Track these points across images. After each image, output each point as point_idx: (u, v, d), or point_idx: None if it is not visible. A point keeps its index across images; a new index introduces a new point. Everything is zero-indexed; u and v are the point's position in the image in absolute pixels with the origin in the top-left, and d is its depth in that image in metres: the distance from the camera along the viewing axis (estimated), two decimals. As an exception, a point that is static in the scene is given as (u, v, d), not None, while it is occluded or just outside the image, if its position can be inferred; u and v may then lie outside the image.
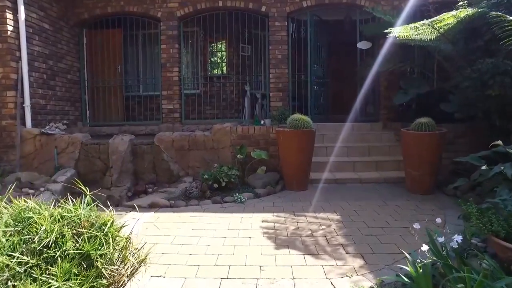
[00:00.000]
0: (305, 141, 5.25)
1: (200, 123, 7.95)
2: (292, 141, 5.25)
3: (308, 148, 5.33)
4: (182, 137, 6.13)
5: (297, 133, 5.21)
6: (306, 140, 5.26)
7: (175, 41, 7.82)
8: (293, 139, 5.24)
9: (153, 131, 7.73)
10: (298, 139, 5.21)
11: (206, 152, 6.13)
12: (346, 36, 10.74)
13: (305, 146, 5.28)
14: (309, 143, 5.32)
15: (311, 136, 5.34)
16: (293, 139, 5.23)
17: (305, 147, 5.28)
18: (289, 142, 5.28)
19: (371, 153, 6.63)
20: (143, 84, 9.28)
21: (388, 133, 7.09)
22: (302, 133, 5.21)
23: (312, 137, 5.36)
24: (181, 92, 7.99)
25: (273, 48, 7.67)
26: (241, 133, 6.09)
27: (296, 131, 5.22)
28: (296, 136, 5.21)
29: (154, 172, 6.23)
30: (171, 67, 7.85)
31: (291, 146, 5.26)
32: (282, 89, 7.64)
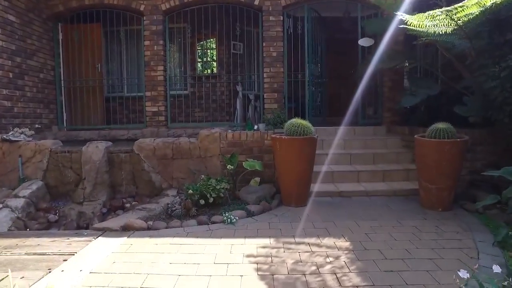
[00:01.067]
0: (306, 150, 4.45)
1: (188, 127, 7.12)
2: (290, 150, 4.45)
3: (308, 158, 4.54)
4: (164, 145, 5.30)
5: (296, 141, 4.42)
6: (307, 149, 4.46)
7: (160, 37, 6.99)
8: (291, 148, 4.44)
9: (136, 135, 6.91)
10: (297, 148, 4.41)
11: (192, 162, 5.31)
12: (345, 34, 9.99)
13: (306, 156, 4.49)
14: (310, 152, 4.53)
15: (312, 144, 4.55)
16: (292, 147, 4.44)
17: (305, 157, 4.49)
18: (287, 151, 4.48)
19: (377, 161, 5.87)
20: (127, 84, 8.43)
21: (393, 138, 6.33)
22: (302, 141, 4.42)
23: (313, 145, 4.57)
24: (166, 93, 7.16)
25: (267, 45, 6.87)
26: (231, 140, 5.28)
27: (295, 138, 4.43)
28: (295, 144, 4.42)
29: (134, 184, 5.39)
30: (155, 65, 7.02)
31: (289, 155, 4.47)
32: (277, 90, 6.85)
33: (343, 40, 9.94)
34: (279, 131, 5.49)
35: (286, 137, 4.44)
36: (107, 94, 8.57)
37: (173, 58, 8.63)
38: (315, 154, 4.68)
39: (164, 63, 7.11)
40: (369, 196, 5.04)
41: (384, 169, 5.52)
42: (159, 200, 4.84)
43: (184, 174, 5.32)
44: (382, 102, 7.15)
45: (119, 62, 8.72)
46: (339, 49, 10.01)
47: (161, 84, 7.02)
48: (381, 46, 7.02)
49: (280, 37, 6.86)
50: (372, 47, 7.79)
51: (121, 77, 8.51)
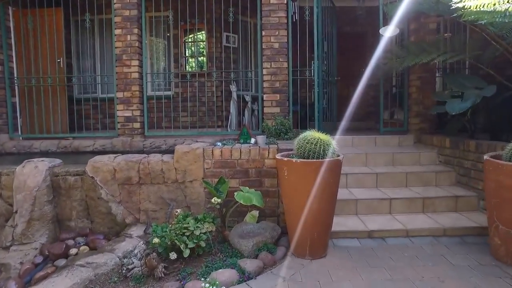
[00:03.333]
0: (328, 179, 2.88)
1: (169, 136, 5.54)
2: (304, 180, 2.88)
3: (331, 191, 2.98)
4: (128, 165, 3.73)
5: (313, 166, 2.84)
6: (329, 178, 2.89)
7: (134, 24, 5.39)
8: (306, 177, 2.86)
9: (104, 147, 5.32)
10: (315, 177, 2.83)
11: (166, 188, 3.74)
12: (355, 27, 8.44)
13: (327, 188, 2.92)
14: (333, 183, 2.96)
15: (337, 170, 2.99)
16: (307, 176, 2.86)
17: (327, 190, 2.92)
18: (299, 181, 2.91)
19: (410, 183, 4.32)
20: (102, 83, 6.85)
21: (427, 152, 4.78)
22: (323, 167, 2.84)
23: (337, 172, 3.01)
24: (142, 94, 5.57)
25: (267, 34, 5.29)
26: (219, 158, 3.71)
27: (311, 162, 2.85)
28: (312, 172, 2.84)
29: (87, 217, 3.81)
30: (128, 59, 5.42)
31: (302, 187, 2.89)
32: (279, 90, 5.28)
33: (353, 34, 8.39)
34: (283, 144, 3.93)
35: (298, 161, 2.86)
36: (78, 95, 7.00)
37: (155, 52, 7.05)
38: (339, 183, 3.11)
39: (140, 57, 5.51)
40: (410, 237, 3.48)
41: (423, 195, 3.97)
42: (115, 247, 3.26)
43: (155, 204, 3.75)
44: (409, 105, 5.60)
45: (92, 57, 7.12)
46: (348, 45, 8.45)
47: (136, 82, 5.43)
48: (409, 37, 5.48)
49: (283, 24, 5.28)
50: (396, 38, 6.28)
51: (94, 75, 6.92)
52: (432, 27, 5.38)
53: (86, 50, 6.93)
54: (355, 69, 8.44)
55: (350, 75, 8.54)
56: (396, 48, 5.40)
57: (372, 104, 8.43)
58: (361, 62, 8.30)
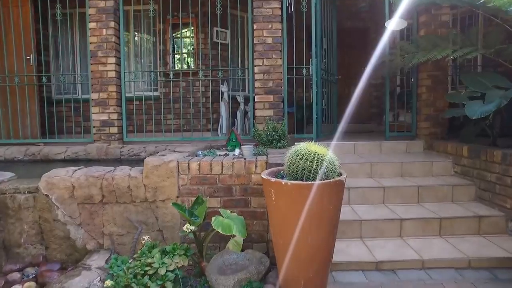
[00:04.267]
0: (326, 205, 2.22)
1: (150, 143, 4.90)
2: (297, 205, 2.20)
3: (330, 219, 2.30)
4: (89, 181, 3.07)
5: (308, 189, 2.16)
6: (328, 204, 2.23)
7: (111, 16, 4.73)
8: (299, 202, 2.19)
9: (77, 154, 4.69)
10: (310, 203, 2.16)
11: (134, 208, 3.08)
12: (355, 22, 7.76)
13: (325, 216, 2.25)
14: (333, 210, 2.29)
15: (338, 193, 2.31)
16: (300, 201, 2.19)
17: (324, 218, 2.25)
18: (290, 207, 2.24)
19: (423, 198, 3.66)
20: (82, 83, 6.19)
21: (440, 161, 4.11)
22: (320, 190, 2.17)
23: (339, 196, 2.34)
24: (121, 95, 4.91)
25: (259, 28, 4.62)
26: (197, 173, 3.04)
27: (305, 185, 2.17)
28: (307, 196, 2.16)
29: (41, 243, 3.15)
30: (104, 56, 4.76)
31: (294, 214, 2.22)
32: (273, 91, 4.62)
33: (354, 29, 7.71)
34: (275, 155, 3.27)
35: (288, 183, 2.18)
36: (56, 96, 6.36)
37: (140, 49, 6.40)
38: (341, 209, 2.44)
39: (118, 54, 4.85)
40: (427, 269, 2.82)
41: (439, 214, 3.30)
42: (66, 284, 2.59)
43: (122, 227, 3.09)
44: (418, 107, 4.93)
45: (72, 55, 6.47)
46: (350, 41, 7.77)
47: (113, 82, 4.77)
48: (419, 30, 4.81)
49: (277, 16, 4.62)
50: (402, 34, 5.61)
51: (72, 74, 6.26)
52: (444, 19, 4.71)
53: (66, 46, 6.28)
54: (357, 67, 7.77)
55: (351, 73, 7.88)
56: (404, 43, 4.73)
57: (375, 105, 7.76)
58: (363, 59, 7.61)
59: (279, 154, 3.32)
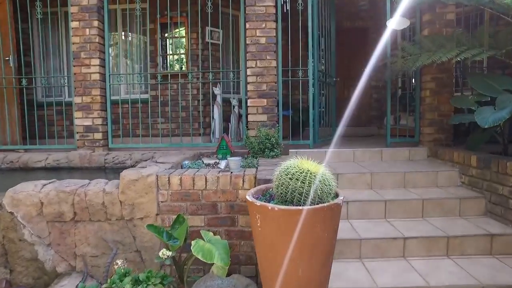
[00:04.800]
0: (320, 233, 1.89)
1: (137, 149, 4.57)
2: (286, 234, 1.87)
3: (324, 248, 1.97)
4: (60, 196, 2.74)
5: (298, 216, 1.82)
6: (322, 231, 1.89)
7: (94, 15, 4.40)
8: (288, 230, 1.86)
9: (58, 162, 4.37)
10: (302, 231, 1.83)
11: (110, 227, 2.75)
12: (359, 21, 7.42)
13: (319, 245, 1.92)
14: (327, 237, 1.96)
15: (334, 218, 1.98)
16: (289, 229, 1.85)
17: (318, 247, 1.92)
18: (278, 235, 1.90)
19: (428, 213, 3.33)
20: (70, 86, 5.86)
21: (446, 171, 3.78)
22: (314, 216, 1.83)
23: (335, 221, 2.00)
24: (106, 98, 4.59)
25: (252, 27, 4.29)
26: (178, 188, 2.72)
27: (295, 211, 1.83)
28: (297, 224, 1.84)
29: (6, 265, 2.83)
30: (87, 58, 4.44)
31: (283, 244, 1.89)
32: (266, 94, 4.29)
33: (354, 29, 7.37)
34: (266, 167, 2.94)
35: (276, 208, 1.85)
36: (41, 98, 6.04)
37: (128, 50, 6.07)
38: (337, 235, 2.11)
39: (102, 55, 4.53)
40: (435, 297, 2.50)
41: (446, 232, 2.97)
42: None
43: (96, 248, 2.77)
44: (421, 112, 4.59)
45: (58, 56, 6.14)
46: (349, 41, 7.44)
47: (97, 85, 4.45)
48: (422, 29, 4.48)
49: (272, 15, 4.29)
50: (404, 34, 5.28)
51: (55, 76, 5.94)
52: (450, 18, 4.37)
53: (51, 47, 5.95)
54: (356, 68, 7.44)
55: (350, 75, 7.54)
56: (407, 43, 4.39)
57: (375, 108, 7.42)
58: (362, 61, 7.29)
59: (271, 166, 2.99)
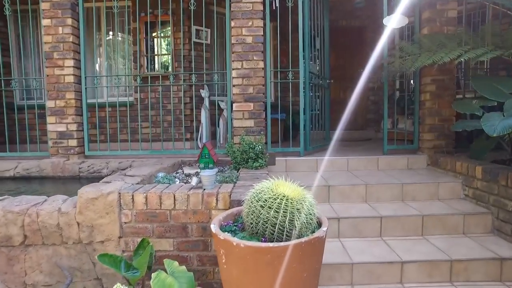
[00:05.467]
0: (299, 273, 1.52)
1: (115, 157, 4.21)
2: (256, 276, 1.50)
3: (304, 291, 1.60)
4: (7, 217, 2.37)
5: (270, 255, 1.46)
6: (301, 271, 1.52)
7: (67, 13, 4.03)
8: (259, 271, 1.49)
9: (29, 171, 4.02)
10: (274, 272, 1.47)
11: (66, 252, 2.39)
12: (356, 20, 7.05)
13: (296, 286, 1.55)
14: (307, 278, 1.58)
15: (315, 254, 1.60)
16: (260, 270, 1.49)
17: (295, 290, 1.56)
18: (246, 277, 1.54)
19: (429, 230, 2.96)
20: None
21: (448, 182, 3.41)
22: (291, 254, 1.47)
23: (316, 257, 1.63)
24: (81, 102, 4.22)
25: (237, 25, 3.93)
26: (143, 208, 2.35)
27: (267, 249, 1.47)
28: (270, 265, 1.47)
29: (-51, 294, 2.47)
30: (61, 58, 4.07)
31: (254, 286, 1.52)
32: (254, 98, 3.92)
33: (350, 29, 7.01)
34: (246, 182, 2.58)
35: (242, 245, 1.48)
36: (20, 101, 5.68)
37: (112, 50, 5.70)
38: (319, 273, 1.74)
39: (77, 56, 4.16)
40: (436, 335, 2.13)
41: (449, 255, 2.60)
42: None
43: (50, 276, 2.40)
44: (421, 116, 4.22)
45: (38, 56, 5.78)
46: (345, 41, 7.07)
47: (71, 88, 4.08)
48: (421, 28, 4.12)
49: (259, 12, 3.92)
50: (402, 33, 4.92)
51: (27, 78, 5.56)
52: (451, 15, 4.00)
53: (30, 47, 5.59)
54: (353, 69, 7.08)
55: (346, 76, 7.17)
56: (405, 43, 4.03)
57: (372, 110, 7.05)
58: (359, 61, 6.93)
59: (252, 180, 2.63)
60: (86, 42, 4.26)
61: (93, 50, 5.04)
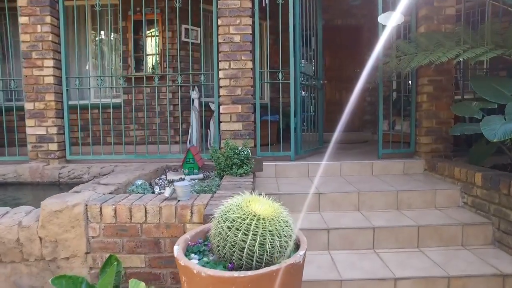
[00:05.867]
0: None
1: (98, 162, 4.00)
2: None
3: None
4: (-37, 231, 2.16)
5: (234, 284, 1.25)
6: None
7: (46, 10, 3.83)
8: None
9: (5, 177, 3.82)
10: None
11: (27, 269, 2.18)
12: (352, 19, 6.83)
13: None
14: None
15: (292, 282, 1.39)
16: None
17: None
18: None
19: (425, 242, 2.75)
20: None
21: (446, 189, 3.20)
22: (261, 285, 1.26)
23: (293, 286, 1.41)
24: (62, 104, 4.02)
25: (224, 23, 3.72)
26: (112, 221, 2.14)
27: (230, 279, 1.26)
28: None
29: None
30: (39, 58, 3.86)
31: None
32: (242, 100, 3.71)
33: (346, 28, 6.80)
34: (223, 195, 2.37)
35: (203, 273, 1.27)
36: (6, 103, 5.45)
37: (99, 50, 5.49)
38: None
39: (58, 56, 3.96)
40: None
41: (447, 270, 2.38)
42: None
43: (11, 295, 2.19)
44: (417, 118, 4.01)
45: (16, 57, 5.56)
46: (341, 40, 6.86)
47: (51, 90, 3.88)
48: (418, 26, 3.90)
49: (248, 9, 3.71)
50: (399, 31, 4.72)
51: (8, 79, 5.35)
52: (449, 13, 3.79)
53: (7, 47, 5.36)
54: (349, 70, 6.87)
55: (343, 76, 6.96)
56: (401, 42, 3.81)
57: (369, 112, 6.85)
58: (356, 61, 6.72)
59: (234, 189, 2.42)
60: (71, 42, 4.05)
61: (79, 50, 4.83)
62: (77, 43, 4.14)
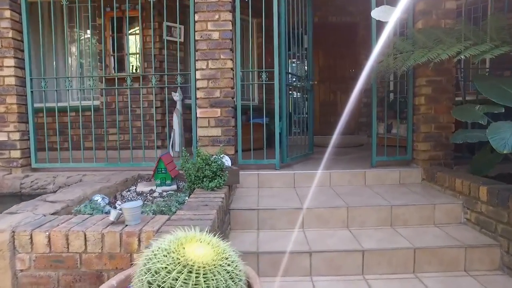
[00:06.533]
0: None
1: (66, 170, 3.63)
2: None
3: None
4: None
5: None
6: None
7: (5, 3, 3.45)
8: None
9: (-38, 187, 3.41)
10: None
11: None
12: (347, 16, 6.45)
13: None
14: None
15: None
16: None
17: None
18: None
19: (422, 266, 2.37)
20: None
21: (446, 203, 2.82)
22: None
23: None
24: (26, 107, 3.65)
25: (202, 19, 3.34)
26: (45, 251, 1.77)
27: None
28: None
29: None
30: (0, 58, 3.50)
31: None
32: (221, 102, 3.34)
33: (340, 25, 6.42)
34: (185, 215, 1.99)
35: None
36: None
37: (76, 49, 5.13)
38: None
39: (20, 55, 3.59)
40: None
41: (447, 302, 2.02)
42: None
43: None
44: (415, 123, 3.63)
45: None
46: (334, 39, 6.48)
47: (12, 91, 3.50)
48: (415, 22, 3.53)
49: (227, 4, 3.33)
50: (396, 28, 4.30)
51: None
52: (449, 7, 3.41)
53: None
54: (344, 69, 6.49)
55: (337, 77, 6.58)
56: (397, 39, 3.43)
57: (364, 114, 6.46)
58: (350, 61, 6.35)
59: (197, 208, 2.04)
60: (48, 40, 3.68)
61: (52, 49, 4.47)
62: (55, 42, 3.76)
